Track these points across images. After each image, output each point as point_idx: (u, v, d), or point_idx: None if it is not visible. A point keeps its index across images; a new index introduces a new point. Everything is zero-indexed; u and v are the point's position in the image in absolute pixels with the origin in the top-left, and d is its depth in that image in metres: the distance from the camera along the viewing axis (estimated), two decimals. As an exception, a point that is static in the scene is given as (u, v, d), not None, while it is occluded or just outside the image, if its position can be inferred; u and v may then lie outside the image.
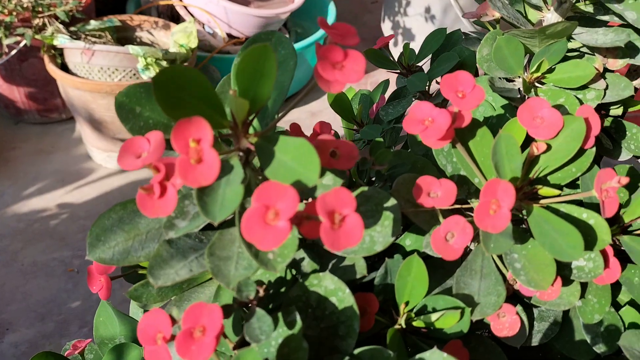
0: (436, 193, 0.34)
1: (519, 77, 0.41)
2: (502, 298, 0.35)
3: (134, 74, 1.24)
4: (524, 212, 0.35)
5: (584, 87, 0.41)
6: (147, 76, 1.23)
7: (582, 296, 0.39)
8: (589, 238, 0.35)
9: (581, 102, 0.41)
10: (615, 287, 0.41)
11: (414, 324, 0.36)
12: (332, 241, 0.27)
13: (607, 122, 0.48)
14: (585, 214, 0.35)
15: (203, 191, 0.27)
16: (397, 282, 0.36)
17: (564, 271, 0.36)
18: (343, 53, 0.29)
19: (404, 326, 0.35)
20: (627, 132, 0.47)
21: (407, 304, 0.36)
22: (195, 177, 0.26)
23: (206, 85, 0.28)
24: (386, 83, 0.50)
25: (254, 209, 0.25)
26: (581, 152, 0.36)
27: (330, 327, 0.32)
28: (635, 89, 0.48)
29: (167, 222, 0.30)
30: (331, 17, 1.66)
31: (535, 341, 0.40)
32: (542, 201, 0.35)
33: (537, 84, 0.41)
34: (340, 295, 0.33)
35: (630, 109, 0.47)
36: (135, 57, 1.21)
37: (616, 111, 0.45)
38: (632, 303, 0.41)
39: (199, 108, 0.28)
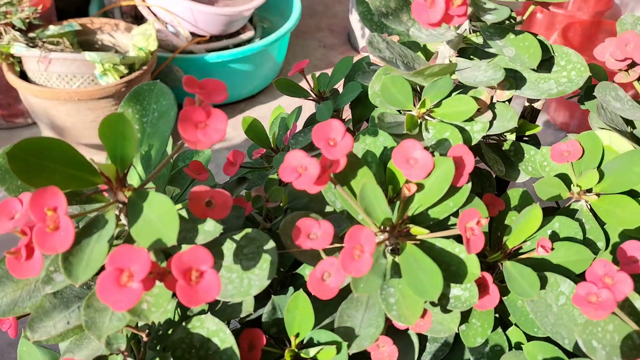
0: (316, 234, 0.36)
1: (410, 111, 0.43)
2: (379, 330, 0.37)
3: (92, 80, 1.24)
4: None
5: (471, 119, 0.43)
6: (105, 82, 1.23)
7: (467, 320, 0.42)
8: (460, 271, 0.37)
9: (468, 135, 0.42)
10: (505, 308, 0.44)
11: (302, 355, 0.38)
12: (189, 298, 0.28)
13: (507, 145, 0.49)
14: (457, 249, 0.37)
15: (69, 251, 0.29)
16: (286, 317, 0.38)
17: (442, 300, 0.38)
18: (205, 113, 0.31)
19: (289, 358, 0.37)
20: (525, 155, 0.49)
21: (297, 335, 0.38)
22: (52, 245, 0.27)
23: (69, 150, 0.29)
24: (299, 109, 0.51)
25: (107, 272, 0.27)
26: (456, 188, 0.38)
27: (214, 365, 0.35)
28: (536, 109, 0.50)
29: (45, 276, 0.31)
30: (296, 11, 1.66)
31: (425, 363, 0.42)
32: (419, 237, 0.37)
33: (427, 117, 0.43)
34: (222, 336, 0.35)
35: (527, 132, 0.49)
36: (93, 63, 1.21)
37: (511, 136, 0.47)
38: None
39: (63, 173, 0.29)
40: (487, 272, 0.40)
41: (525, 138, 0.54)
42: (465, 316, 0.42)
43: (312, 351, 0.36)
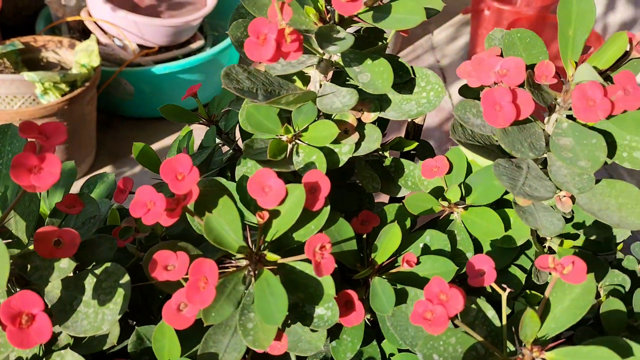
0: (173, 265, 0.37)
1: (281, 136, 0.44)
2: (241, 353, 0.38)
3: (34, 100, 1.24)
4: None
5: (338, 142, 0.44)
6: (46, 101, 1.23)
7: (337, 337, 0.43)
8: (317, 293, 0.38)
9: (337, 156, 0.44)
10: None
11: (171, 382, 0.39)
12: (20, 341, 0.29)
13: (387, 161, 0.51)
14: (314, 271, 0.38)
15: None
16: (154, 346, 0.39)
17: (306, 320, 0.40)
18: (39, 158, 0.32)
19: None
20: (405, 170, 0.51)
21: (169, 362, 0.40)
22: None
23: None
24: (189, 133, 0.52)
25: None
26: (316, 212, 0.40)
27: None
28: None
29: None
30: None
31: (301, 380, 0.44)
32: (280, 260, 0.39)
33: (298, 142, 0.44)
34: (81, 370, 0.36)
35: (405, 149, 0.51)
36: (33, 83, 1.21)
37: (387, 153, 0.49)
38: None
39: None
40: (352, 290, 0.42)
41: (412, 152, 0.55)
42: (336, 333, 0.43)
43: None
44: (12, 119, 1.20)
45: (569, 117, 0.44)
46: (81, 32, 1.62)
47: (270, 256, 0.38)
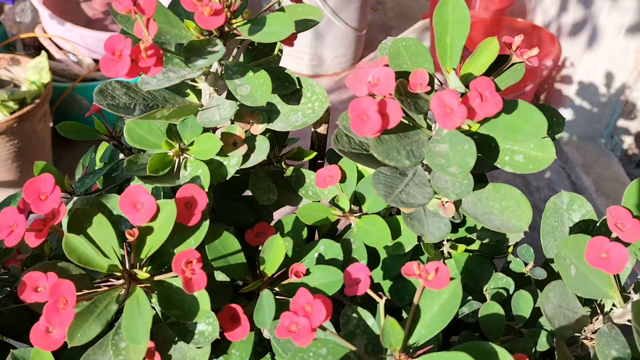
0: (43, 287, 0.37)
1: (168, 151, 0.44)
2: (117, 373, 0.38)
3: (-19, 118, 1.22)
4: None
5: (226, 155, 0.44)
6: (-6, 119, 1.22)
7: (225, 352, 0.43)
8: (193, 309, 0.38)
9: (225, 169, 0.44)
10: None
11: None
12: None
13: (289, 172, 0.51)
14: (189, 287, 0.38)
15: None
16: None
17: (187, 337, 0.40)
18: None
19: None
20: (306, 180, 0.51)
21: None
22: None
23: None
24: (91, 150, 0.52)
25: None
26: (196, 226, 0.40)
27: None
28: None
29: None
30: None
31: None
32: (157, 277, 0.39)
33: (186, 156, 0.44)
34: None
35: (305, 158, 0.51)
36: (-21, 102, 1.20)
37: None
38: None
39: None
40: (236, 304, 0.42)
41: (319, 161, 0.56)
42: (224, 348, 0.43)
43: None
44: (-42, 139, 1.19)
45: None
46: (36, 49, 1.62)
47: (141, 274, 0.38)
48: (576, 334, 0.46)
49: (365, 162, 0.44)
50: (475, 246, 0.49)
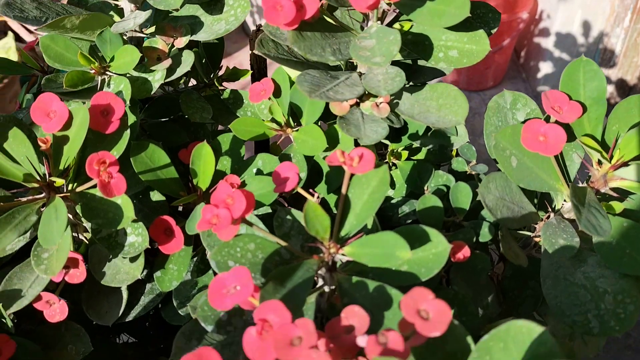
0: (-43, 201, 0.36)
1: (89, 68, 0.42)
2: (42, 287, 0.37)
3: (-53, 101, 1.21)
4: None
5: (151, 70, 0.43)
6: (-40, 101, 1.20)
7: (163, 267, 0.42)
8: (117, 217, 0.37)
9: (150, 84, 0.43)
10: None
11: None
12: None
13: (226, 94, 0.50)
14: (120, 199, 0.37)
15: None
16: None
17: (116, 250, 0.39)
18: None
19: None
20: (244, 101, 0.49)
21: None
22: None
23: None
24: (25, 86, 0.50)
25: None
26: (117, 135, 0.38)
27: None
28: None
29: None
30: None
31: (132, 316, 0.42)
32: (79, 189, 0.37)
33: (108, 73, 0.43)
34: None
35: (241, 78, 0.50)
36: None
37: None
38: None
39: None
40: (169, 217, 0.40)
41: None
42: (162, 262, 0.42)
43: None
44: None
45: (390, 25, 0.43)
46: (6, 34, 1.59)
47: (59, 181, 0.36)
48: (527, 233, 0.45)
49: (294, 67, 0.42)
50: (421, 156, 0.48)
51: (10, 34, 1.36)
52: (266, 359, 0.28)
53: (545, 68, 1.73)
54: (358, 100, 0.44)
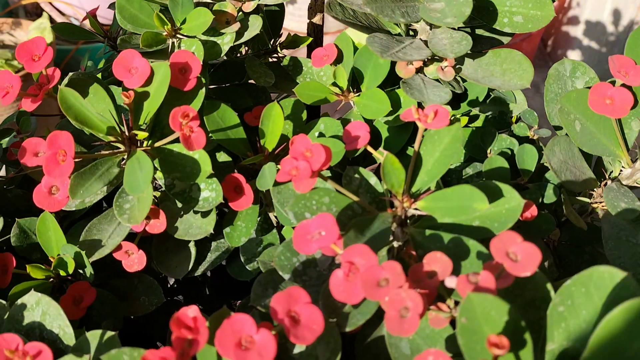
0: (43, 152, 0.37)
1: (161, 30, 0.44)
2: (122, 237, 0.38)
3: (-13, 79, 1.23)
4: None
5: (219, 33, 0.44)
6: (-1, 79, 1.22)
7: (232, 223, 0.43)
8: (194, 171, 0.38)
9: (219, 47, 0.44)
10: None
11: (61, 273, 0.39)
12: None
13: (286, 61, 0.51)
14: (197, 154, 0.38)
15: None
16: (39, 239, 0.39)
17: (191, 203, 0.40)
18: None
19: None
20: (303, 68, 0.50)
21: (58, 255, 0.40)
22: None
23: None
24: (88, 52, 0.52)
25: None
26: (192, 93, 0.40)
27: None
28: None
29: None
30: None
31: (200, 271, 0.44)
32: (158, 144, 0.39)
33: (179, 35, 0.44)
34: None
35: (301, 45, 0.51)
36: (-16, 62, 1.20)
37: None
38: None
39: None
40: (240, 174, 0.42)
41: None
42: (230, 219, 0.43)
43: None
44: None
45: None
46: (39, 15, 1.62)
47: (141, 134, 0.38)
48: (585, 199, 0.46)
49: (360, 30, 0.43)
50: (478, 123, 0.49)
51: (45, 14, 1.38)
52: (353, 298, 0.30)
53: (574, 57, 1.71)
54: (421, 65, 0.45)
